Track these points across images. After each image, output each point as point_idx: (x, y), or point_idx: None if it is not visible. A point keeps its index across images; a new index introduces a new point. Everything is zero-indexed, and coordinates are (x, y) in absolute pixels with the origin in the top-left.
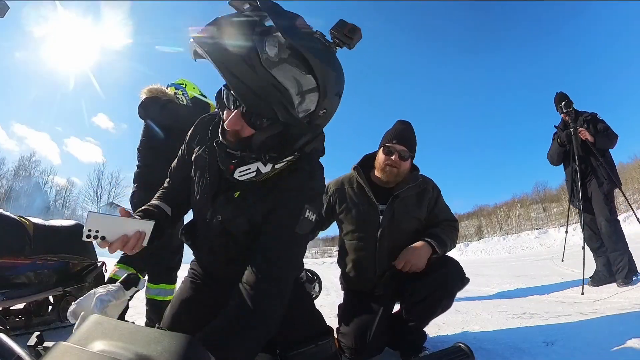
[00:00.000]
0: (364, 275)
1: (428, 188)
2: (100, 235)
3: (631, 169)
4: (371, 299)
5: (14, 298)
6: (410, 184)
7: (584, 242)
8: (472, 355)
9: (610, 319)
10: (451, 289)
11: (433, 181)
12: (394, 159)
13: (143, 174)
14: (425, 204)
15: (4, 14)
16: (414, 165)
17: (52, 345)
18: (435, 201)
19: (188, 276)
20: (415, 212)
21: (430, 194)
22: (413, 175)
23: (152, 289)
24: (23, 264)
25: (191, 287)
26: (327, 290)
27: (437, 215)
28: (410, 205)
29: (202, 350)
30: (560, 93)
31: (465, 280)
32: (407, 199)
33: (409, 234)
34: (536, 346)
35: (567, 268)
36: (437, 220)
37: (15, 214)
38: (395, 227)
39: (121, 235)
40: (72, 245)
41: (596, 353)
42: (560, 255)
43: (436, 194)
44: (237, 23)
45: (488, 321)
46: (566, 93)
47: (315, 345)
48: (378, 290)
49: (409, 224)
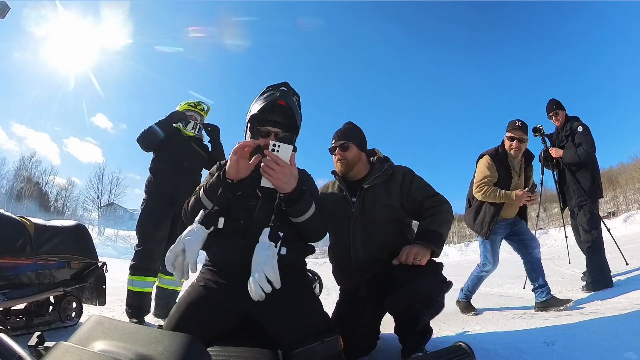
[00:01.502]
0: (345, 268)
1: (396, 175)
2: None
3: (631, 169)
4: (359, 300)
5: (14, 298)
6: (377, 174)
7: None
8: (473, 355)
9: (611, 319)
10: (429, 299)
11: (405, 167)
12: (337, 152)
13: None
14: (394, 190)
15: (5, 15)
16: (385, 157)
17: (53, 345)
18: (409, 184)
19: (197, 281)
20: (385, 200)
21: (399, 179)
22: (379, 166)
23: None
24: (24, 264)
25: (201, 292)
26: (327, 290)
27: (415, 197)
28: (379, 194)
29: (202, 349)
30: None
31: (447, 285)
32: (375, 188)
33: (383, 222)
34: (537, 346)
35: (567, 268)
36: (417, 202)
37: (16, 214)
38: (366, 216)
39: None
40: (73, 245)
41: (596, 353)
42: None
43: (409, 177)
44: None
45: (489, 321)
46: (557, 100)
47: (321, 342)
48: (361, 290)
49: (381, 213)
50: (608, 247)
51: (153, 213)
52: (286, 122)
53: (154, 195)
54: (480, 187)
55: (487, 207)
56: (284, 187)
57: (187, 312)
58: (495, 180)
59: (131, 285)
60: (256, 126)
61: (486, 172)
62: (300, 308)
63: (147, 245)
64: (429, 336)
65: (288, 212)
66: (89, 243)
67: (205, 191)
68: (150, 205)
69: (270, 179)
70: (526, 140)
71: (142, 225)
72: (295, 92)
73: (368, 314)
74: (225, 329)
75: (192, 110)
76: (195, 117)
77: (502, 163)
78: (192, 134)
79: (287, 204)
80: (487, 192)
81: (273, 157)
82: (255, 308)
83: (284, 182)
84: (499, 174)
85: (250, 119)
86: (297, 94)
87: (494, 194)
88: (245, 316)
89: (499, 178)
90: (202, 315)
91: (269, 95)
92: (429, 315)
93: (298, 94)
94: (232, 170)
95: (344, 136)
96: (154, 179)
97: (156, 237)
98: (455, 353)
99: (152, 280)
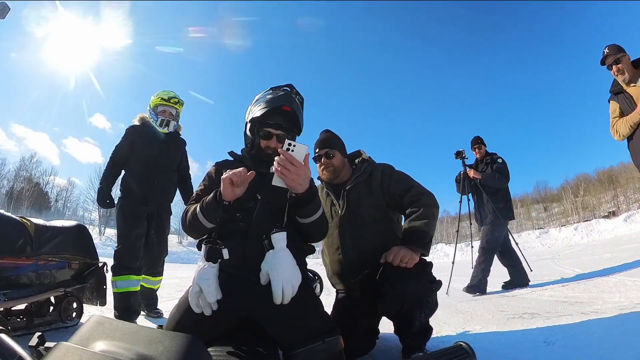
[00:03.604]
0: (337, 270)
1: (375, 173)
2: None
3: (632, 169)
4: (354, 302)
5: (15, 298)
6: (357, 174)
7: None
8: (474, 355)
9: (611, 318)
10: (418, 300)
11: (385, 164)
12: (323, 161)
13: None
14: (376, 188)
15: (5, 15)
16: (367, 158)
17: (54, 345)
18: (389, 179)
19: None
20: (369, 199)
21: (378, 177)
22: (360, 167)
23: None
24: (24, 264)
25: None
26: (327, 290)
27: (394, 192)
28: (362, 193)
29: (203, 349)
30: (475, 138)
31: (436, 284)
32: (357, 187)
33: (370, 222)
34: (537, 346)
35: (568, 268)
36: (396, 196)
37: (16, 215)
38: (352, 216)
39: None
40: (73, 245)
41: (597, 353)
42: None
43: (388, 172)
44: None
45: (489, 321)
46: (480, 136)
47: (322, 341)
48: (355, 292)
49: (367, 212)
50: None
51: (129, 212)
52: (288, 124)
53: (129, 195)
54: (612, 128)
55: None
56: (297, 188)
57: (187, 312)
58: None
59: (116, 287)
60: (257, 127)
61: (612, 115)
62: (301, 308)
63: (125, 242)
64: (429, 335)
65: (298, 213)
66: (90, 243)
67: (202, 210)
68: (126, 204)
69: (284, 179)
70: (622, 57)
71: (119, 224)
72: (299, 93)
73: (366, 314)
74: (225, 329)
75: (165, 105)
76: (170, 111)
77: (616, 94)
78: (165, 131)
79: (299, 205)
80: (616, 127)
81: (288, 157)
82: (256, 308)
83: (298, 182)
84: (622, 106)
85: (251, 121)
86: (300, 95)
87: (622, 125)
88: (245, 316)
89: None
90: (202, 316)
91: (272, 99)
92: (423, 315)
93: (302, 95)
94: (229, 194)
95: (327, 144)
96: (129, 179)
97: (134, 234)
98: (456, 353)
99: (136, 279)
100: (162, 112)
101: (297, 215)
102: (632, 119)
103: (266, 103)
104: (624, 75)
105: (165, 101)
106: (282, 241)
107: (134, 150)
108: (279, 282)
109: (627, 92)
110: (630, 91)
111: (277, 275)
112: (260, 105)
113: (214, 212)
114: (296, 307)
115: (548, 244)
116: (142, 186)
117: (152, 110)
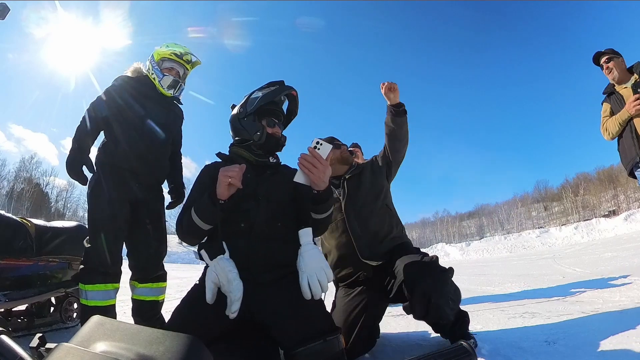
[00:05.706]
0: (344, 252)
1: (367, 163)
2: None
3: None
4: (358, 293)
5: (16, 299)
6: (352, 168)
7: None
8: (475, 354)
9: (612, 318)
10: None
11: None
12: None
13: None
14: (375, 169)
15: (5, 16)
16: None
17: (55, 346)
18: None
19: (199, 281)
20: (365, 184)
21: (370, 163)
22: (353, 165)
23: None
24: (25, 265)
25: (202, 292)
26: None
27: (381, 155)
28: (359, 182)
29: (204, 350)
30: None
31: (449, 271)
32: (354, 177)
33: (370, 202)
34: (538, 345)
35: (568, 267)
36: (385, 152)
37: (17, 216)
38: (353, 199)
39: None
40: (74, 246)
41: (598, 352)
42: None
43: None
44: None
45: (490, 320)
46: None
47: (323, 340)
48: (367, 271)
49: (366, 194)
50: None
51: (108, 193)
52: (284, 114)
53: (110, 169)
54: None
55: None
56: (320, 185)
57: (188, 312)
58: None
59: (85, 298)
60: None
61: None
62: (302, 307)
63: (98, 240)
64: (468, 320)
65: (315, 209)
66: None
67: (197, 212)
68: (104, 181)
69: (310, 176)
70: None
71: (92, 211)
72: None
73: (369, 310)
74: (226, 329)
75: (175, 61)
76: (178, 70)
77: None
78: (170, 94)
79: (319, 201)
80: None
81: (316, 155)
82: (257, 308)
83: (323, 180)
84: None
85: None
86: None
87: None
88: (246, 316)
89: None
90: (203, 316)
91: (276, 90)
92: (451, 303)
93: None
94: (224, 193)
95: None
96: (111, 146)
97: (112, 228)
98: (457, 352)
99: (113, 288)
100: (170, 69)
101: (313, 212)
102: (620, 116)
103: (273, 92)
104: (613, 73)
105: (177, 57)
106: (307, 236)
107: (121, 110)
108: (304, 277)
109: (618, 93)
110: (621, 92)
111: (302, 269)
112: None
113: (210, 213)
114: (297, 306)
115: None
116: (128, 158)
117: (155, 63)
